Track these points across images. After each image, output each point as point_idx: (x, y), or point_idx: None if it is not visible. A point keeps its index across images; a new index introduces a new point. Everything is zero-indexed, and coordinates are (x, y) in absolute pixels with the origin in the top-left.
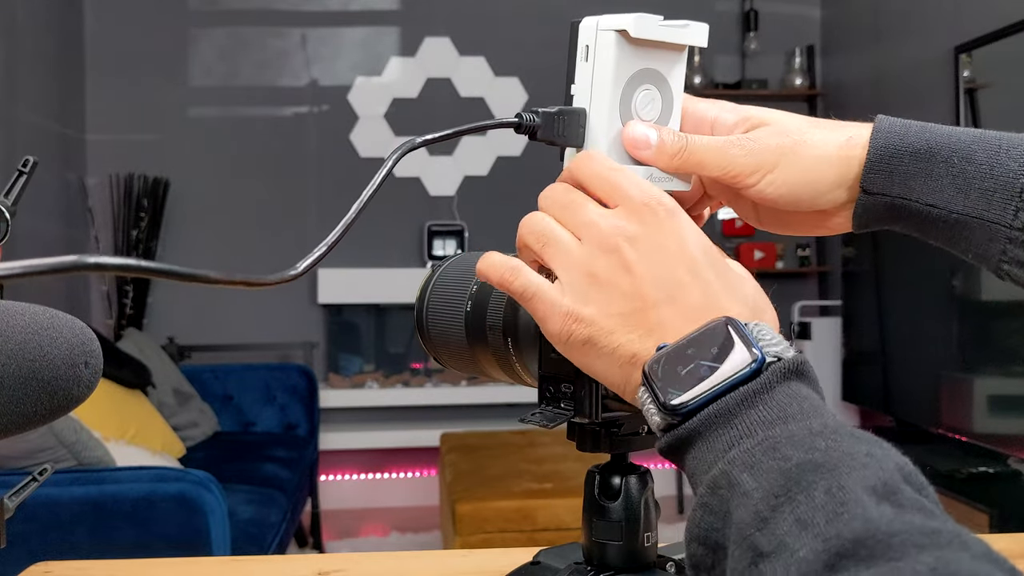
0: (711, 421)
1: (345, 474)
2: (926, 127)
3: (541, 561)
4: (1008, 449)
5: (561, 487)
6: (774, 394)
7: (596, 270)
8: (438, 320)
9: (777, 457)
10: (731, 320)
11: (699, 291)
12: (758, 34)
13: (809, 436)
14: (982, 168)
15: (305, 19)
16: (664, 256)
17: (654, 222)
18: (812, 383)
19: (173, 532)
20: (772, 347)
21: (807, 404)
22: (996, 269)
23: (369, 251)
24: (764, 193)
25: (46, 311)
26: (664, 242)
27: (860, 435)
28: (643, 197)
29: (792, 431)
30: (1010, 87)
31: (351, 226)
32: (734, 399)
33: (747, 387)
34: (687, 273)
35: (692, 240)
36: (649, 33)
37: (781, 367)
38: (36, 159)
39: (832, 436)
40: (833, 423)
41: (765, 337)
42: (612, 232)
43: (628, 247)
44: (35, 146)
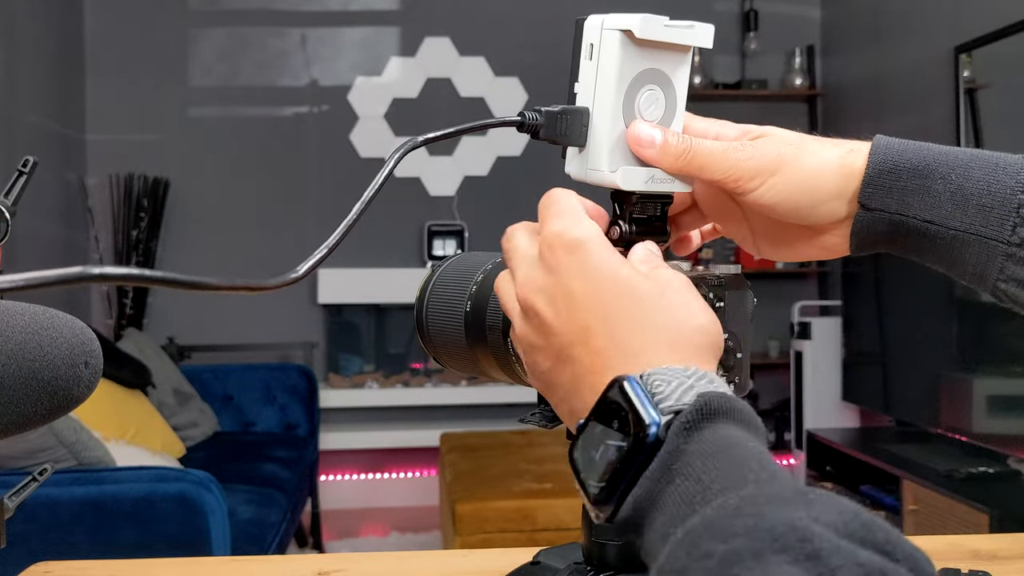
0: (640, 506)
1: (345, 474)
2: (923, 145)
3: (541, 561)
4: (1007, 449)
5: (561, 487)
6: (686, 459)
7: (522, 332)
8: (438, 320)
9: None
10: (622, 380)
11: (607, 332)
12: (758, 34)
13: (727, 517)
14: (979, 185)
15: (305, 19)
16: (569, 302)
17: (557, 265)
18: (727, 414)
19: (173, 532)
20: (668, 399)
21: (722, 460)
22: (993, 288)
23: (369, 251)
24: (764, 199)
25: (46, 311)
26: (569, 286)
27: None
28: (548, 238)
29: (710, 517)
30: (1010, 87)
31: (352, 227)
32: (650, 478)
33: (658, 460)
34: (593, 314)
35: (597, 273)
36: (654, 34)
37: (681, 422)
38: (36, 159)
39: (751, 509)
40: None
41: (659, 389)
42: (526, 290)
43: (538, 299)
44: (35, 146)
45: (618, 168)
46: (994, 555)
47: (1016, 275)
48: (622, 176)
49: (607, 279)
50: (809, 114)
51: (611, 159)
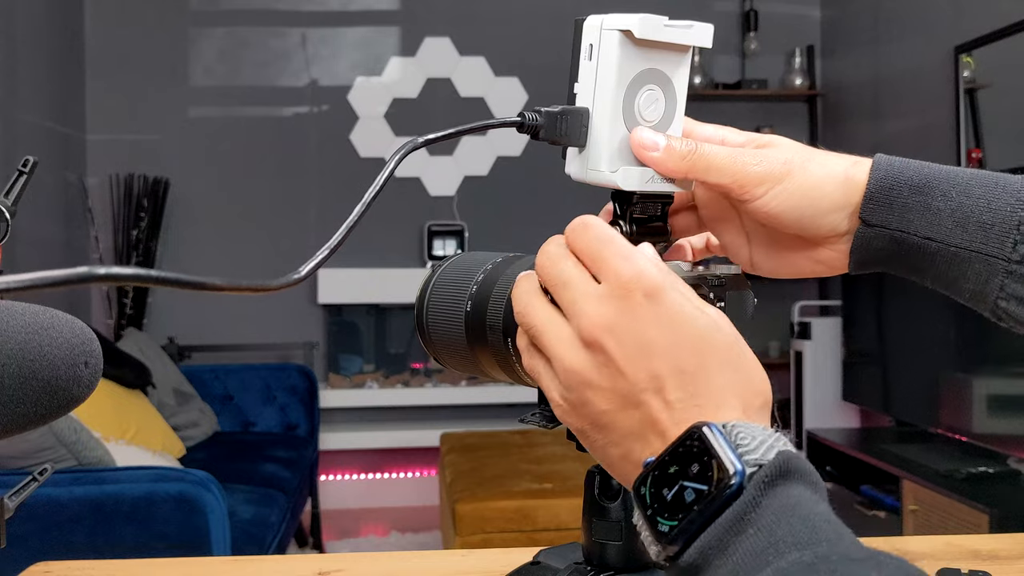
0: (707, 552)
1: (345, 474)
2: (924, 164)
3: (541, 561)
4: (1007, 449)
5: (561, 487)
6: (761, 513)
7: (580, 367)
8: (438, 320)
9: None
10: (707, 427)
11: (680, 385)
12: (758, 34)
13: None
14: (980, 202)
15: (305, 19)
16: (645, 351)
17: (632, 310)
18: (800, 475)
19: (173, 532)
20: (752, 453)
21: (796, 518)
22: (993, 307)
23: (369, 251)
24: (768, 206)
25: (46, 311)
26: (645, 332)
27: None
28: (622, 279)
29: (785, 570)
30: (1010, 87)
31: (354, 228)
32: (723, 525)
33: (733, 509)
34: (671, 365)
35: (674, 326)
36: (653, 34)
37: (763, 477)
38: (36, 159)
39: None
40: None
41: (744, 442)
42: (592, 325)
43: (609, 340)
44: (35, 146)
45: (618, 168)
46: (994, 555)
47: (1016, 292)
48: (622, 176)
49: (684, 331)
50: (809, 114)
51: (611, 159)
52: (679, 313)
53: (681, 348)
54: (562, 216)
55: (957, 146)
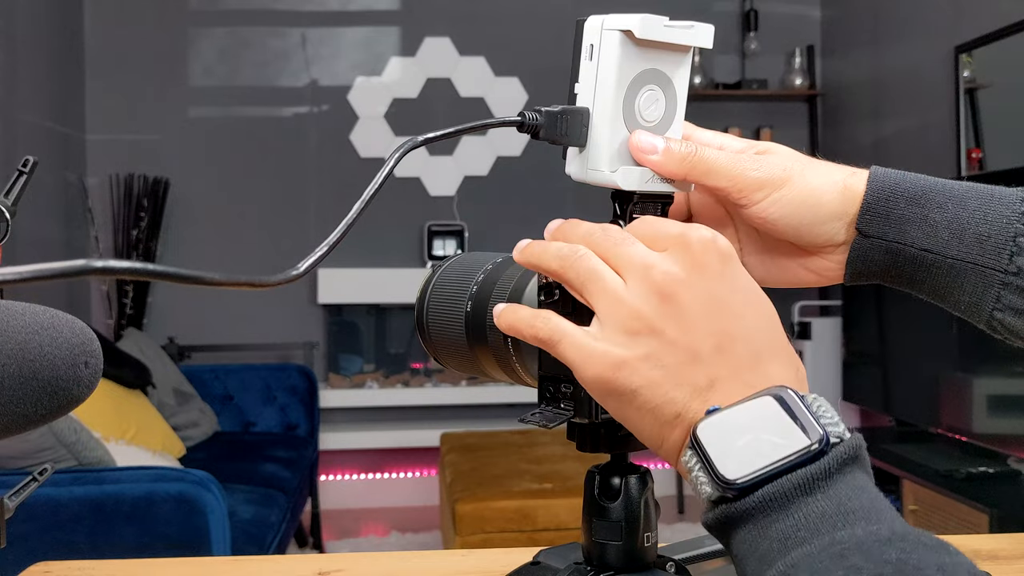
0: (766, 504)
1: (345, 474)
2: (919, 176)
3: (541, 561)
4: (1008, 449)
5: (561, 487)
6: (834, 484)
7: (647, 316)
8: (438, 320)
9: (846, 567)
10: (791, 392)
11: (751, 349)
12: (758, 34)
13: (878, 545)
14: (976, 215)
15: (305, 19)
16: (718, 307)
17: (710, 269)
18: (867, 469)
19: (173, 532)
20: (833, 427)
21: (866, 499)
22: (988, 318)
23: (369, 251)
24: (766, 212)
25: (46, 311)
26: (719, 292)
27: (928, 542)
28: (699, 241)
29: (859, 537)
30: (1010, 87)
31: (352, 226)
32: (791, 483)
33: (807, 471)
34: (740, 328)
35: (747, 291)
36: (654, 34)
37: (842, 452)
38: (36, 159)
39: (900, 545)
40: (900, 528)
41: (826, 415)
42: (667, 277)
43: (684, 293)
44: (35, 146)
45: (618, 168)
46: (994, 555)
47: (1012, 304)
48: (622, 176)
49: (756, 298)
50: (809, 114)
51: (611, 159)
52: (750, 283)
53: (750, 314)
54: (562, 216)
55: (957, 146)
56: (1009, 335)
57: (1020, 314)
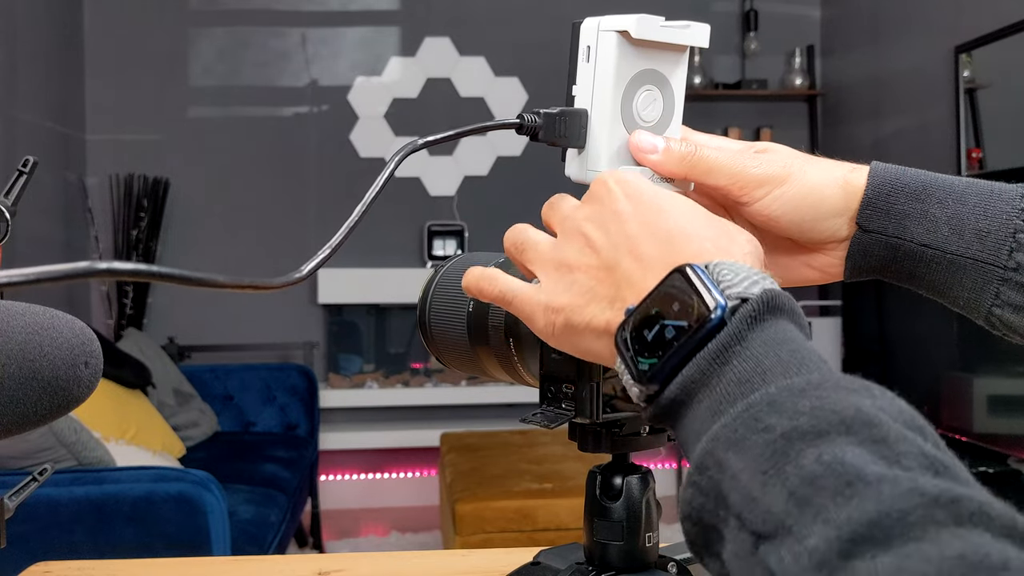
0: (689, 386)
1: (345, 474)
2: (920, 172)
3: (542, 561)
4: (1008, 449)
5: (561, 487)
6: (747, 344)
7: (565, 257)
8: (440, 320)
9: (760, 429)
10: (688, 267)
11: (656, 239)
12: (758, 34)
13: (791, 397)
14: (976, 210)
15: (305, 19)
16: (618, 220)
17: (607, 194)
18: (788, 313)
19: (173, 532)
20: (734, 287)
21: (785, 350)
22: (987, 314)
23: (369, 251)
24: (768, 209)
25: (46, 311)
26: (617, 207)
27: (848, 384)
28: (598, 180)
29: (772, 395)
30: (1010, 87)
31: (355, 228)
32: (705, 357)
33: (716, 341)
34: (641, 226)
35: (645, 196)
36: (651, 34)
37: (748, 310)
38: (36, 159)
39: (816, 392)
40: (817, 374)
41: (726, 277)
42: (576, 218)
43: (589, 225)
44: (35, 146)
45: (618, 168)
46: None
47: (1011, 300)
48: None
49: (653, 200)
50: (809, 114)
51: (610, 159)
52: (648, 189)
53: (654, 213)
54: None
55: (957, 146)
56: (1008, 331)
57: (1019, 310)
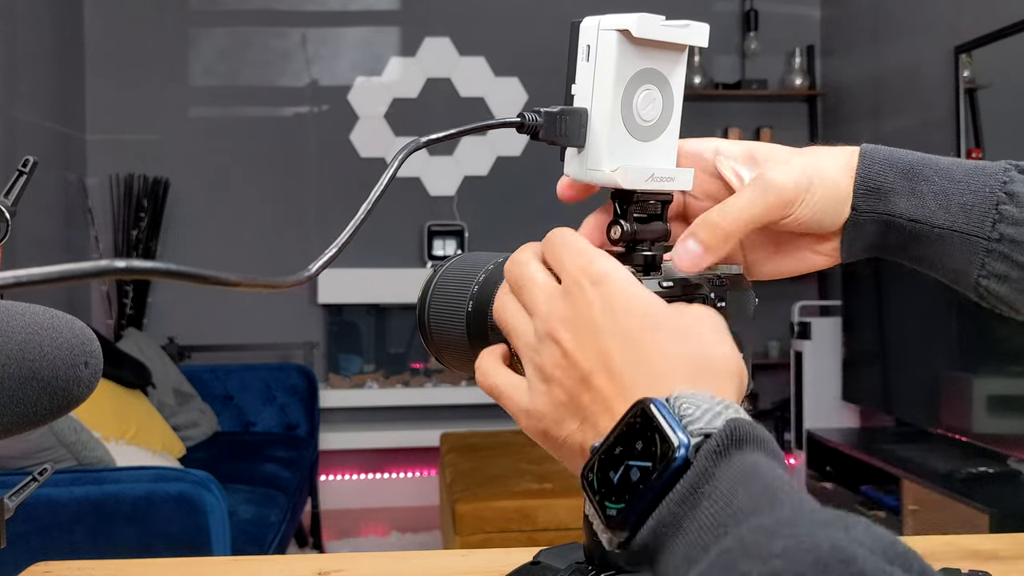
0: (660, 531)
1: (345, 474)
2: (908, 152)
3: (542, 561)
4: (1008, 449)
5: (561, 487)
6: (716, 484)
7: (542, 362)
8: (440, 320)
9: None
10: (650, 402)
11: (628, 359)
12: (758, 34)
13: (764, 538)
14: (960, 185)
15: (305, 19)
16: (593, 331)
17: (582, 297)
18: (755, 442)
19: (173, 532)
20: (696, 422)
21: (756, 485)
22: (975, 286)
23: (369, 251)
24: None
25: (46, 311)
26: (592, 316)
27: (821, 518)
28: (572, 272)
29: (745, 537)
30: (1010, 87)
31: (361, 227)
32: (674, 501)
33: (683, 483)
34: (616, 341)
35: (620, 304)
36: (650, 33)
37: (712, 446)
38: (36, 159)
39: (788, 532)
40: (789, 509)
41: (688, 412)
42: (547, 318)
43: (565, 333)
44: (35, 146)
45: (617, 167)
46: (994, 555)
47: (996, 270)
48: (622, 175)
49: (629, 308)
50: (809, 114)
51: (610, 158)
52: (624, 295)
53: (627, 325)
54: (562, 216)
55: (957, 146)
56: (996, 302)
57: (1004, 280)
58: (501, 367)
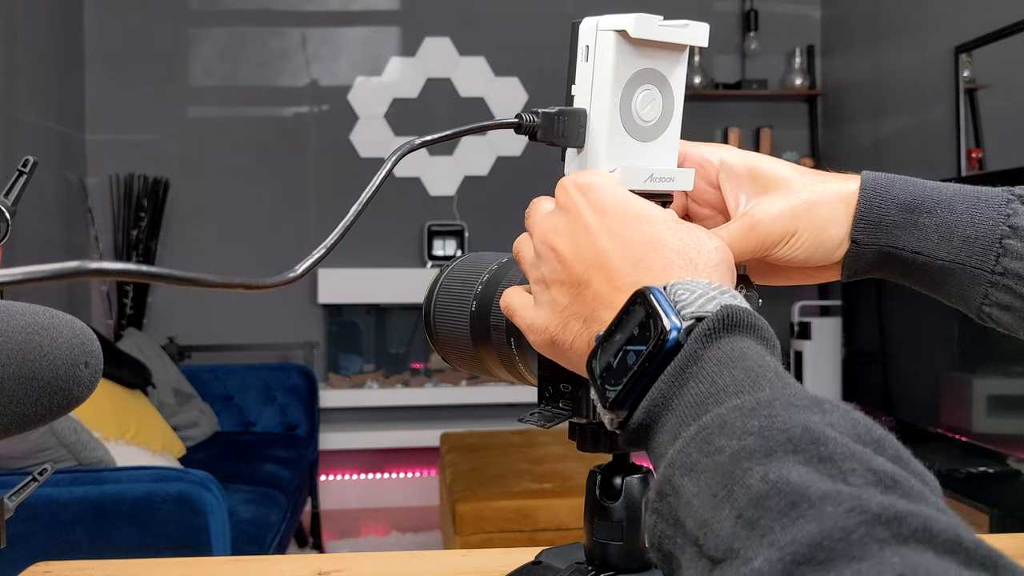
0: (652, 410)
1: (345, 474)
2: (909, 180)
3: (543, 561)
4: (1008, 449)
5: (561, 487)
6: (702, 364)
7: (542, 273)
8: (444, 319)
9: (711, 451)
10: (647, 290)
11: (624, 252)
12: (758, 34)
13: (741, 417)
14: (963, 218)
15: (305, 19)
16: (584, 233)
17: (571, 203)
18: (747, 328)
19: (173, 532)
20: (690, 307)
21: (739, 367)
22: (978, 312)
23: (369, 251)
24: (783, 258)
25: (46, 311)
26: (582, 219)
27: (799, 400)
28: (563, 185)
29: (724, 415)
30: (1010, 87)
31: (350, 228)
32: (665, 381)
33: (674, 364)
34: (609, 238)
35: (610, 204)
36: (649, 33)
37: (703, 329)
38: (36, 159)
39: (766, 411)
40: (768, 391)
41: (682, 297)
42: (546, 230)
43: (559, 239)
44: (35, 146)
45: (616, 167)
46: None
47: (1000, 300)
48: (621, 175)
49: (619, 209)
50: (809, 114)
51: (609, 159)
52: (612, 196)
53: (619, 224)
54: None
55: (957, 146)
56: (998, 327)
57: (1007, 310)
58: (518, 289)
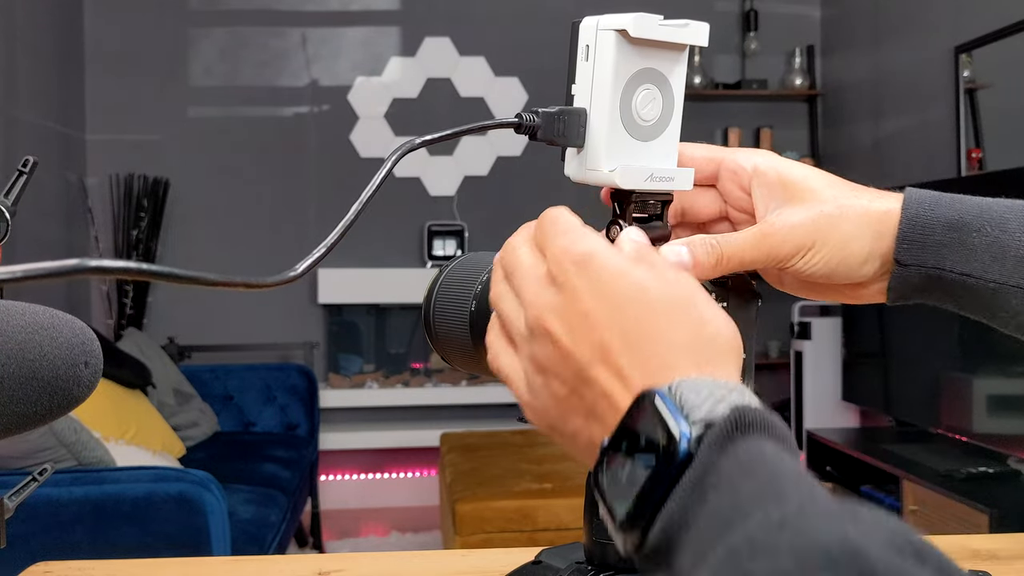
0: (669, 531)
1: (345, 474)
2: (956, 198)
3: (543, 560)
4: (1008, 449)
5: (561, 487)
6: (720, 475)
7: (535, 355)
8: (444, 319)
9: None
10: (652, 393)
11: (627, 345)
12: (758, 34)
13: (771, 534)
14: (1016, 236)
15: (305, 19)
16: (585, 321)
17: (568, 283)
18: (761, 428)
19: (173, 532)
20: (697, 411)
21: (760, 476)
22: None
23: (369, 251)
24: (803, 271)
25: (46, 311)
26: (581, 305)
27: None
28: (555, 254)
29: (751, 534)
30: (1010, 87)
31: (350, 227)
32: (681, 496)
33: (688, 476)
34: (611, 331)
35: (608, 286)
36: (649, 32)
37: (715, 435)
38: (36, 159)
39: (795, 525)
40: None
41: (690, 400)
42: (536, 308)
43: (552, 321)
44: (35, 146)
45: (616, 167)
46: (994, 555)
47: None
48: (621, 175)
49: (619, 291)
50: (809, 114)
51: (609, 158)
52: (611, 275)
53: (620, 312)
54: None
55: (957, 146)
56: None
57: None
58: (508, 350)
